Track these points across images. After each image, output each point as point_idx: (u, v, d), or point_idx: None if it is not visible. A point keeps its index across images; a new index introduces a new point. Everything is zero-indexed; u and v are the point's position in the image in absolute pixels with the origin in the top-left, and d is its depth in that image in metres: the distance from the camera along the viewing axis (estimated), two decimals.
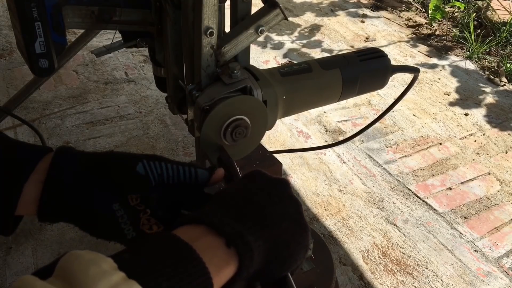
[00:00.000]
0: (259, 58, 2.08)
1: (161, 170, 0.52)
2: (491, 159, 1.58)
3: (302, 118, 1.72)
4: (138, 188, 0.51)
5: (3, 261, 1.15)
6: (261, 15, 0.68)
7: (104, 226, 0.51)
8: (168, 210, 0.53)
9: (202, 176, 0.54)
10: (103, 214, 0.50)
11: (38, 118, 1.63)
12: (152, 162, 0.52)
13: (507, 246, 1.27)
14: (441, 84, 1.98)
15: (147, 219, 0.52)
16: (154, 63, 0.86)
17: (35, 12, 0.65)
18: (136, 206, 0.52)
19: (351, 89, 0.81)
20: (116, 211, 0.50)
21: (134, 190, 0.51)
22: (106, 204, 0.50)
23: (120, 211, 0.50)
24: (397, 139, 1.64)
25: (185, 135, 1.59)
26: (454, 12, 2.55)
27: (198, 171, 0.54)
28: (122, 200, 0.51)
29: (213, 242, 0.41)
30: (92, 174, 0.51)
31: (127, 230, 0.51)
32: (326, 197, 1.39)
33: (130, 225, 0.51)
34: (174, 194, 0.54)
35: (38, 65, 0.70)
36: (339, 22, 2.46)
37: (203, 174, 0.55)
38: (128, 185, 0.51)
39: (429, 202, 1.39)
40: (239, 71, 0.67)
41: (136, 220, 0.51)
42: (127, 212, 0.51)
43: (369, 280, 1.16)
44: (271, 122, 0.73)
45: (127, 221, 0.51)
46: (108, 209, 0.50)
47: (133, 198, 0.52)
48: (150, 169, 0.52)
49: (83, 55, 1.98)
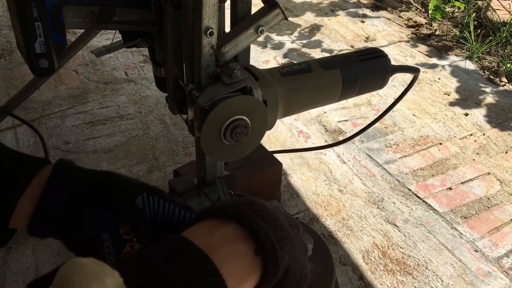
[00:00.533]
0: (259, 58, 2.08)
1: (158, 207, 0.52)
2: (491, 159, 1.58)
3: (302, 118, 1.72)
4: (132, 219, 0.51)
5: (3, 261, 1.15)
6: (261, 15, 0.68)
7: (89, 251, 0.50)
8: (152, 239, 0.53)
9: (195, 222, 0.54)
10: (91, 240, 0.50)
11: (38, 118, 1.63)
12: (152, 197, 0.51)
13: (507, 246, 1.27)
14: (441, 84, 1.98)
15: (131, 246, 0.51)
16: (154, 63, 0.86)
17: (35, 12, 0.65)
18: (123, 234, 0.51)
19: (351, 89, 0.81)
20: (103, 241, 0.50)
21: (127, 220, 0.51)
22: (96, 233, 0.49)
23: (107, 242, 0.50)
24: (397, 139, 1.64)
25: (185, 135, 1.59)
26: (454, 12, 2.55)
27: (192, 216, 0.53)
28: (112, 229, 0.50)
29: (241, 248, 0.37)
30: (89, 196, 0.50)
31: (109, 260, 0.50)
32: (326, 197, 1.39)
33: (114, 256, 0.51)
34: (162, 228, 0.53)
35: (38, 65, 0.70)
36: (339, 22, 2.46)
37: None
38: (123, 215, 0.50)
39: (429, 202, 1.39)
40: (239, 71, 0.67)
41: (120, 249, 0.51)
42: (114, 243, 0.50)
43: (369, 280, 1.16)
44: (271, 122, 0.73)
45: (112, 252, 0.50)
46: (97, 238, 0.50)
47: (124, 227, 0.51)
48: (148, 204, 0.51)
49: (83, 55, 1.98)
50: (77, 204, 0.49)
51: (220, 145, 0.69)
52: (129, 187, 0.51)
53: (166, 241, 0.38)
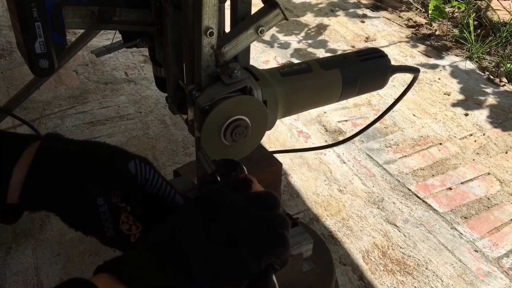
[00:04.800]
0: (259, 58, 2.08)
1: (149, 175, 0.52)
2: (491, 159, 1.58)
3: (302, 118, 1.72)
4: (125, 185, 0.51)
5: (3, 261, 1.15)
6: (261, 15, 0.68)
7: (85, 220, 0.50)
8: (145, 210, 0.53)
9: (178, 202, 0.54)
10: (86, 207, 0.49)
11: (38, 118, 1.63)
12: (144, 164, 0.52)
13: (507, 246, 1.27)
14: (441, 84, 1.98)
15: (126, 216, 0.52)
16: (154, 63, 0.86)
17: (35, 12, 0.65)
18: (117, 202, 0.51)
19: (351, 89, 0.81)
20: (99, 206, 0.49)
21: (121, 187, 0.51)
22: (90, 197, 0.49)
23: (103, 207, 0.50)
24: (397, 139, 1.64)
25: (185, 135, 1.59)
26: (454, 12, 2.55)
27: (176, 196, 0.54)
28: (106, 195, 0.50)
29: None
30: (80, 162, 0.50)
31: (107, 227, 0.50)
32: (326, 197, 1.39)
33: (111, 222, 0.50)
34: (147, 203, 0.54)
35: (38, 65, 0.70)
36: (339, 22, 2.46)
37: (179, 201, 0.54)
38: (116, 180, 0.50)
39: (429, 202, 1.39)
40: (239, 71, 0.67)
41: (117, 218, 0.51)
42: (109, 209, 0.50)
43: (369, 280, 1.16)
44: (271, 122, 0.73)
45: (108, 217, 0.50)
46: (92, 202, 0.49)
47: (116, 195, 0.51)
48: (140, 170, 0.51)
49: (83, 55, 1.98)
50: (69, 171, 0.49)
51: (220, 145, 0.69)
52: (122, 152, 0.52)
53: (69, 282, 0.40)
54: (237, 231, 0.44)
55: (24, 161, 0.48)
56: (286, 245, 0.45)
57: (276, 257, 0.45)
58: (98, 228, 0.50)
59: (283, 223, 0.46)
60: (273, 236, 0.45)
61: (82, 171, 0.49)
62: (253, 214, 0.46)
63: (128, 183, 0.51)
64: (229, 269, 0.43)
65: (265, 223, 0.45)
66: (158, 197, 0.53)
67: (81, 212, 0.49)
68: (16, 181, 0.48)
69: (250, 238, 0.44)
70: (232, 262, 0.43)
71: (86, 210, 0.49)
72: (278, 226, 0.46)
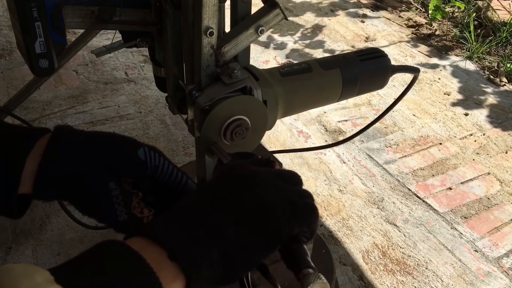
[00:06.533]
0: (259, 58, 2.08)
1: (158, 163, 0.52)
2: (491, 159, 1.58)
3: (302, 118, 1.72)
4: (134, 172, 0.52)
5: (3, 261, 1.15)
6: (261, 15, 0.68)
7: (98, 205, 0.50)
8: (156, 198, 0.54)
9: (191, 187, 0.55)
10: (98, 192, 0.50)
11: (38, 118, 1.63)
12: (153, 152, 0.52)
13: (507, 246, 1.27)
14: (441, 84, 1.98)
15: (137, 202, 0.52)
16: (154, 63, 0.86)
17: (35, 12, 0.65)
18: (129, 189, 0.52)
19: (351, 89, 0.81)
20: (112, 190, 0.50)
21: (130, 174, 0.52)
22: (102, 182, 0.50)
23: (115, 191, 0.50)
24: (397, 139, 1.64)
25: (185, 135, 1.59)
26: (454, 12, 2.55)
27: (188, 182, 0.54)
28: (117, 181, 0.51)
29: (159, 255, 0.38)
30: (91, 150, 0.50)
31: (119, 211, 0.50)
32: (326, 197, 1.39)
33: (124, 206, 0.51)
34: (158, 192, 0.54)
35: (38, 65, 0.70)
36: (339, 22, 2.46)
37: (192, 186, 0.55)
38: (126, 167, 0.51)
39: (429, 202, 1.39)
40: (239, 71, 0.67)
41: (129, 202, 0.51)
42: (122, 193, 0.51)
43: (369, 280, 1.16)
44: (271, 122, 0.73)
45: (121, 201, 0.50)
46: (104, 187, 0.50)
47: (127, 182, 0.52)
48: (149, 157, 0.52)
49: (83, 55, 1.98)
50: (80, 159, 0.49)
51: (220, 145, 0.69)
52: (132, 140, 0.53)
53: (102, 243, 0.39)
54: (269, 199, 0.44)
55: (37, 152, 0.49)
56: (316, 214, 0.46)
57: (307, 225, 0.46)
58: (111, 213, 0.51)
59: (310, 195, 0.47)
60: (303, 205, 0.45)
61: (93, 159, 0.50)
62: (283, 186, 0.46)
63: (138, 170, 0.52)
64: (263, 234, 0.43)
65: (294, 194, 0.46)
66: (169, 184, 0.54)
67: (94, 198, 0.50)
68: (29, 171, 0.48)
69: (282, 206, 0.44)
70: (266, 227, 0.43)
71: (99, 196, 0.50)
72: (306, 197, 0.46)
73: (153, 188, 0.54)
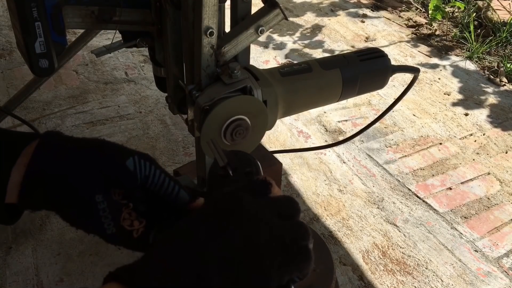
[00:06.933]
0: (259, 58, 2.08)
1: (149, 173, 0.51)
2: (491, 159, 1.58)
3: (302, 118, 1.72)
4: (124, 182, 0.50)
5: (3, 261, 1.15)
6: (261, 15, 0.68)
7: (85, 218, 0.49)
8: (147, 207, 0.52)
9: (183, 198, 0.53)
10: (85, 205, 0.48)
11: (38, 118, 1.63)
12: (143, 161, 0.51)
13: (507, 246, 1.27)
14: (441, 84, 1.98)
15: (128, 213, 0.50)
16: (154, 63, 0.86)
17: (35, 12, 0.65)
18: (118, 200, 0.50)
19: (351, 89, 0.81)
20: (98, 203, 0.48)
21: (119, 184, 0.50)
22: (88, 194, 0.48)
23: (102, 204, 0.49)
24: (397, 139, 1.64)
25: (185, 135, 1.59)
26: (454, 12, 2.55)
27: (180, 192, 0.52)
28: (105, 192, 0.49)
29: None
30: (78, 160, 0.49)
31: (107, 224, 0.49)
32: (326, 197, 1.39)
33: (111, 220, 0.49)
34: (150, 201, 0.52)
35: (38, 65, 0.70)
36: (339, 22, 2.46)
37: (184, 196, 0.53)
38: (115, 178, 0.49)
39: (429, 202, 1.39)
40: (239, 71, 0.67)
41: (118, 215, 0.50)
42: (109, 206, 0.49)
43: (369, 280, 1.16)
44: (271, 122, 0.73)
45: (108, 215, 0.49)
46: (90, 200, 0.48)
47: (116, 193, 0.50)
48: (139, 168, 0.50)
49: (83, 55, 1.98)
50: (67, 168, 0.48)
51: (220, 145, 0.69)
52: (121, 149, 0.51)
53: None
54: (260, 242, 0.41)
55: (23, 161, 0.48)
56: (309, 259, 0.43)
57: (298, 272, 0.43)
58: (98, 226, 0.49)
59: (305, 234, 0.43)
60: (296, 249, 0.42)
61: (81, 167, 0.49)
62: (275, 223, 0.43)
63: (127, 181, 0.50)
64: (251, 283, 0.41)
65: (287, 234, 0.43)
66: (160, 195, 0.52)
67: (81, 210, 0.49)
68: (15, 181, 0.48)
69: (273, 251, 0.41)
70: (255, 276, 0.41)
71: (85, 208, 0.48)
72: (300, 238, 0.43)
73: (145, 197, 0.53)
